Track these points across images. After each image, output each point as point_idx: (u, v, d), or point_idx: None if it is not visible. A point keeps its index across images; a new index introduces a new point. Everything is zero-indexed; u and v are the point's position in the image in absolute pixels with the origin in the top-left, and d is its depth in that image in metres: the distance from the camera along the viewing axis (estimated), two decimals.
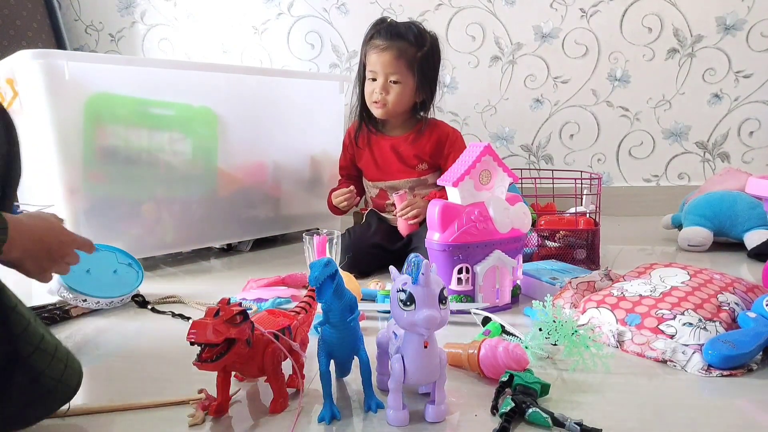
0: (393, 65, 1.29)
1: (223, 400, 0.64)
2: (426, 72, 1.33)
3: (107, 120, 1.30)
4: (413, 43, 1.30)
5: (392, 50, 1.29)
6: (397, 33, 1.30)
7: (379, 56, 1.30)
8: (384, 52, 1.29)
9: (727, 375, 0.70)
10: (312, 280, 0.59)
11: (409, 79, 1.31)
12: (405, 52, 1.29)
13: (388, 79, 1.30)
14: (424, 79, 1.33)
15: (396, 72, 1.30)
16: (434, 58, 1.36)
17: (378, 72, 1.31)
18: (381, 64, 1.30)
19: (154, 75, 1.35)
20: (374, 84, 1.32)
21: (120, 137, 1.32)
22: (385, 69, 1.30)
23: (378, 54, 1.30)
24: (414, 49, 1.30)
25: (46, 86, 1.19)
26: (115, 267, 1.14)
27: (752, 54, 1.87)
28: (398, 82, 1.30)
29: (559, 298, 0.93)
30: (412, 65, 1.30)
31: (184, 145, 1.42)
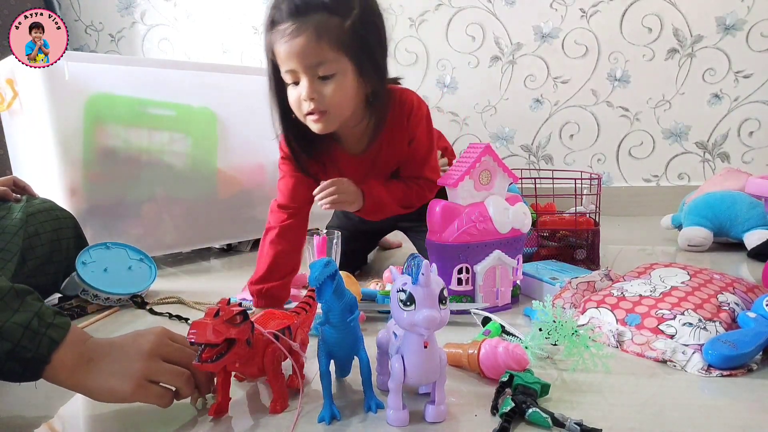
0: (314, 53, 0.88)
1: (223, 400, 0.64)
2: (366, 46, 0.92)
3: (107, 120, 1.31)
4: (333, 9, 0.88)
5: (306, 31, 0.87)
6: (305, 3, 0.88)
7: (290, 45, 0.88)
8: (295, 37, 0.87)
9: (727, 375, 0.70)
10: (312, 280, 0.59)
11: (345, 64, 0.91)
12: (326, 29, 0.88)
13: (314, 75, 0.90)
14: (365, 57, 0.93)
15: (322, 61, 0.88)
16: (372, 22, 0.94)
17: (297, 69, 0.90)
18: (297, 57, 0.88)
19: (154, 75, 1.35)
20: (298, 89, 0.92)
21: (120, 137, 1.33)
22: (305, 61, 0.88)
23: (288, 43, 0.88)
24: (338, 20, 0.88)
25: (46, 86, 1.19)
26: (129, 264, 1.15)
27: (752, 54, 1.87)
28: (331, 76, 0.90)
29: (559, 298, 0.93)
30: (343, 43, 0.89)
31: (184, 146, 1.43)
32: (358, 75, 0.93)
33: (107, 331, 0.97)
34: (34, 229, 1.04)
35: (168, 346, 0.63)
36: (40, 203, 1.10)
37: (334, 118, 0.94)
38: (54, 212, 1.11)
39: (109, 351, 0.61)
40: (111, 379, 0.59)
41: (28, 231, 1.03)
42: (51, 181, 1.25)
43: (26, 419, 0.67)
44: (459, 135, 2.09)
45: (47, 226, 1.07)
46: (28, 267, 1.02)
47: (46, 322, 0.59)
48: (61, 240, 1.09)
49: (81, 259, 1.08)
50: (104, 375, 0.59)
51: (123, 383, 0.59)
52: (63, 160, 1.23)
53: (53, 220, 1.09)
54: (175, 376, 0.62)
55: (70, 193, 1.26)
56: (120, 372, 0.59)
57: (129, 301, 1.09)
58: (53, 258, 1.07)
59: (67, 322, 0.61)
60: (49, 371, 0.58)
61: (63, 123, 1.23)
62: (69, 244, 1.10)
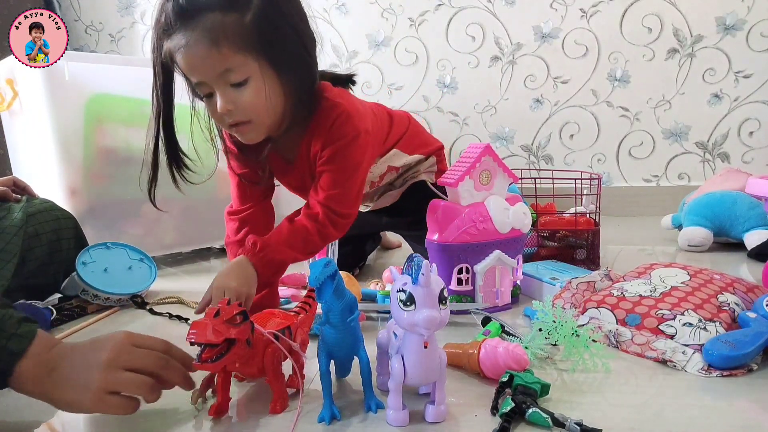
0: (216, 61, 0.78)
1: (223, 400, 0.64)
2: (277, 38, 0.81)
3: (107, 120, 1.31)
4: (226, 4, 0.77)
5: (199, 39, 0.76)
6: (191, 3, 0.76)
7: (186, 57, 0.78)
8: (191, 47, 0.77)
9: (727, 375, 0.70)
10: (312, 280, 0.59)
11: (257, 65, 0.80)
12: (222, 31, 0.76)
13: (225, 83, 0.80)
14: (279, 51, 0.81)
15: (228, 68, 0.78)
16: (280, 7, 0.82)
17: (204, 81, 0.81)
18: (197, 69, 0.79)
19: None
20: (212, 100, 0.83)
21: (120, 137, 1.33)
22: (209, 72, 0.79)
23: (185, 54, 0.78)
24: (234, 16, 0.77)
25: (46, 87, 1.19)
26: (129, 264, 1.15)
27: (752, 54, 1.87)
28: (244, 81, 0.80)
29: (559, 298, 0.93)
30: (247, 43, 0.78)
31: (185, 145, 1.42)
32: (277, 73, 0.82)
33: (107, 331, 0.96)
34: (34, 229, 1.04)
35: (129, 354, 0.60)
36: (40, 203, 1.10)
37: (260, 126, 0.85)
38: (54, 212, 1.11)
39: (71, 359, 0.59)
40: (70, 392, 0.57)
41: (27, 231, 1.03)
42: (51, 182, 1.25)
43: (26, 419, 0.67)
44: (459, 135, 2.09)
45: (47, 227, 1.07)
46: (28, 267, 1.02)
47: (8, 333, 0.57)
48: (61, 240, 1.09)
49: (81, 259, 1.08)
50: (65, 386, 0.57)
51: (81, 396, 0.57)
52: (63, 160, 1.24)
53: (53, 220, 1.09)
54: (137, 386, 0.59)
55: (70, 193, 1.26)
56: (78, 384, 0.57)
57: (129, 301, 1.09)
58: (53, 258, 1.07)
59: (32, 331, 0.58)
60: (13, 382, 0.57)
61: (63, 123, 1.23)
62: (69, 244, 1.10)
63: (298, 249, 0.89)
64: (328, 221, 0.90)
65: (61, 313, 1.01)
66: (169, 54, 0.80)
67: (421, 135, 1.24)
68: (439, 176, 1.19)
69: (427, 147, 1.22)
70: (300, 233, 0.89)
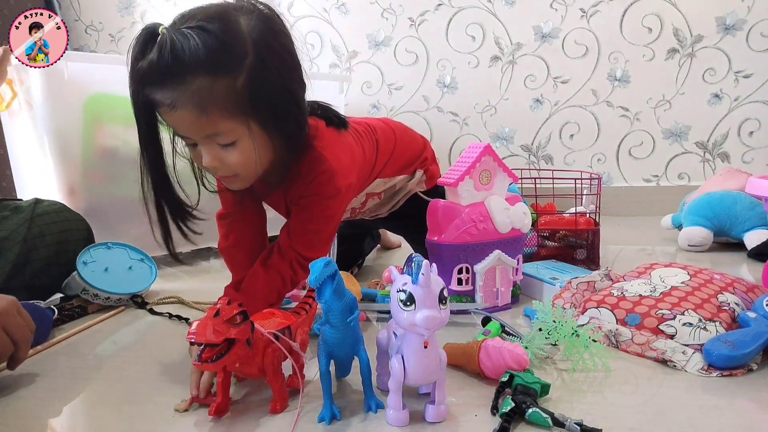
0: (203, 127, 0.73)
1: (224, 400, 0.64)
2: (271, 97, 0.75)
3: (107, 120, 1.30)
4: (217, 69, 0.70)
5: (187, 104, 0.71)
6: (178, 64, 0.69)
7: (173, 118, 0.73)
8: (176, 110, 0.71)
9: (727, 375, 0.70)
10: (312, 280, 0.59)
11: (246, 127, 0.75)
12: (211, 98, 0.71)
13: (212, 143, 0.76)
14: (271, 110, 0.76)
15: (216, 132, 0.74)
16: (274, 60, 0.75)
17: (191, 138, 0.77)
18: (183, 130, 0.76)
19: None
20: (196, 149, 0.79)
21: (119, 137, 1.32)
22: (195, 135, 0.76)
23: (169, 114, 0.73)
24: (225, 81, 0.71)
25: (44, 86, 1.19)
26: (130, 263, 1.16)
27: (752, 54, 1.87)
28: (232, 143, 0.76)
29: (559, 298, 0.93)
30: (238, 108, 0.73)
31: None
32: (266, 130, 0.77)
33: (109, 332, 0.97)
34: (39, 230, 1.05)
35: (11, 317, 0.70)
36: (48, 205, 1.11)
37: (247, 179, 0.82)
38: (63, 214, 1.12)
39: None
40: None
41: (32, 231, 1.03)
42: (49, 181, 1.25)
43: (26, 419, 0.67)
44: (459, 135, 2.09)
45: (54, 228, 1.08)
46: (32, 267, 1.02)
47: None
48: (68, 241, 1.09)
49: (82, 259, 1.08)
50: None
51: None
52: (61, 159, 1.23)
53: (62, 221, 1.10)
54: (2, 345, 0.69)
55: (68, 192, 1.26)
56: None
57: (129, 301, 1.09)
58: (60, 260, 1.07)
59: None
60: None
61: (62, 123, 1.23)
62: (77, 246, 1.10)
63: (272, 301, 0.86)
64: (299, 266, 0.87)
65: (62, 313, 1.01)
66: (151, 104, 0.74)
67: (406, 153, 1.14)
68: (431, 176, 1.17)
69: (412, 164, 1.15)
70: (276, 284, 0.86)
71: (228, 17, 0.72)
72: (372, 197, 1.11)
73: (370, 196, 1.11)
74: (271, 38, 0.75)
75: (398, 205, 1.17)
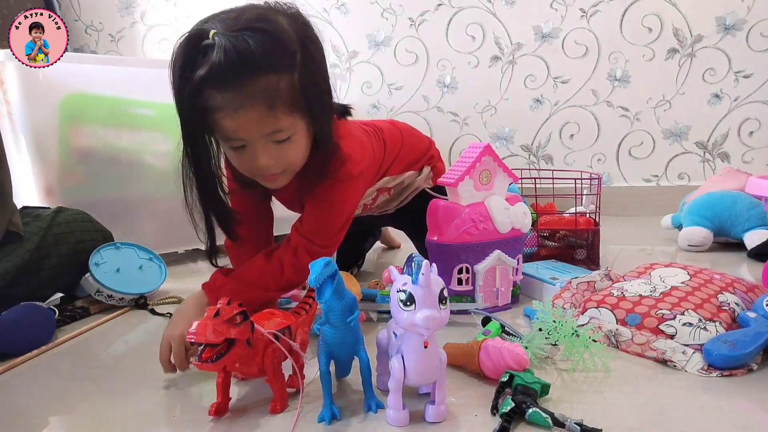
0: (267, 124, 0.75)
1: (223, 400, 0.64)
2: (316, 90, 0.79)
3: (84, 120, 1.29)
4: (279, 65, 0.73)
5: (257, 103, 0.72)
6: (246, 64, 0.70)
7: (239, 119, 0.73)
8: (242, 113, 0.73)
9: (727, 375, 0.70)
10: (312, 280, 0.59)
11: (301, 122, 0.78)
12: (278, 94, 0.73)
13: (268, 141, 0.77)
14: (316, 104, 0.79)
15: (277, 129, 0.76)
16: (314, 55, 0.79)
17: (248, 139, 0.77)
18: (246, 131, 0.75)
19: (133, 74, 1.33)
20: (246, 152, 0.79)
21: (97, 137, 1.31)
22: (257, 134, 0.76)
23: (234, 116, 0.73)
24: (287, 77, 0.74)
25: (20, 86, 1.19)
26: (140, 263, 1.16)
27: (752, 54, 1.87)
28: (286, 139, 0.78)
29: (559, 298, 0.93)
30: (296, 103, 0.76)
31: (166, 145, 1.39)
32: (311, 124, 0.81)
33: (118, 332, 0.97)
34: (54, 239, 1.05)
35: None
36: (70, 215, 1.11)
37: (291, 174, 0.85)
38: (82, 224, 1.11)
39: None
40: None
41: (47, 239, 1.03)
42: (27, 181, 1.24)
43: (27, 419, 0.67)
44: (459, 135, 2.09)
45: (70, 238, 1.07)
46: (42, 276, 1.02)
47: None
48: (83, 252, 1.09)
49: (93, 260, 1.08)
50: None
51: None
52: (38, 159, 1.22)
53: (80, 231, 1.10)
54: None
55: (45, 192, 1.24)
56: None
57: (130, 301, 1.09)
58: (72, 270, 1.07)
59: None
60: None
61: (38, 123, 1.21)
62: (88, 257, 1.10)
63: (267, 288, 0.86)
64: (306, 252, 0.87)
65: (63, 315, 1.01)
66: (204, 111, 0.73)
67: (413, 152, 1.17)
68: (437, 172, 1.20)
69: (419, 162, 1.18)
70: (273, 271, 0.86)
71: (271, 17, 0.74)
72: (382, 193, 1.13)
73: (381, 192, 1.12)
74: (309, 31, 0.78)
75: (405, 201, 1.19)
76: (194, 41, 0.71)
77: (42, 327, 0.90)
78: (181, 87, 0.72)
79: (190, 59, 0.71)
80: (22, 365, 0.82)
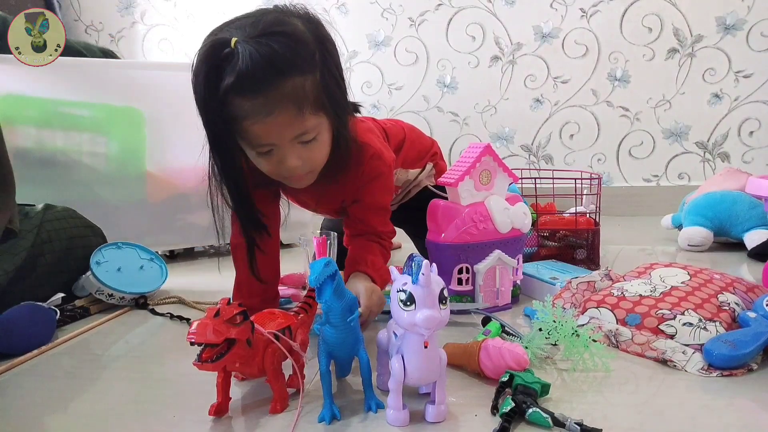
0: (297, 126, 0.76)
1: (223, 400, 0.64)
2: (336, 89, 0.80)
3: (18, 121, 1.28)
4: (304, 66, 0.74)
5: (287, 107, 0.73)
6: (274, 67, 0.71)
7: (269, 124, 0.74)
8: (272, 117, 0.73)
9: (727, 375, 0.70)
10: (312, 280, 0.59)
11: (324, 121, 0.79)
12: (305, 95, 0.74)
13: (295, 143, 0.78)
14: (336, 103, 0.80)
15: (305, 131, 0.77)
16: (331, 52, 0.80)
17: (277, 143, 0.77)
18: (275, 135, 0.76)
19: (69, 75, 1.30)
20: (274, 155, 0.79)
21: (32, 139, 1.30)
22: (287, 137, 0.77)
23: (264, 121, 0.73)
24: (311, 78, 0.75)
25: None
26: (141, 263, 1.16)
27: (752, 54, 1.87)
28: (312, 139, 0.79)
29: (559, 298, 0.93)
30: (321, 103, 0.77)
31: (105, 147, 1.38)
32: (334, 120, 0.82)
33: (119, 332, 0.97)
34: (48, 236, 1.05)
35: None
36: (59, 211, 1.11)
37: (316, 173, 0.86)
38: (72, 221, 1.12)
39: None
40: None
41: (41, 236, 1.04)
42: None
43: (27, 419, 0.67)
44: (459, 135, 2.09)
45: (62, 234, 1.08)
46: (37, 273, 1.02)
47: None
48: (76, 249, 1.09)
49: (95, 259, 1.08)
50: None
51: None
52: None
53: (71, 228, 1.10)
54: None
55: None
56: None
57: (131, 301, 1.09)
58: (67, 267, 1.07)
59: None
60: None
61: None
62: (87, 252, 1.10)
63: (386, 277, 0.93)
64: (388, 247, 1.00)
65: (64, 314, 1.01)
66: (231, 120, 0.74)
67: (415, 146, 1.19)
68: (439, 171, 1.21)
69: (423, 159, 1.21)
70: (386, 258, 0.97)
71: (287, 20, 0.75)
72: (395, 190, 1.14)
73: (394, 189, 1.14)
74: (323, 32, 0.79)
75: (407, 198, 1.20)
76: (216, 50, 0.70)
77: (42, 327, 0.90)
78: (207, 98, 0.72)
79: (215, 69, 0.70)
80: (22, 365, 0.82)
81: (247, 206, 0.84)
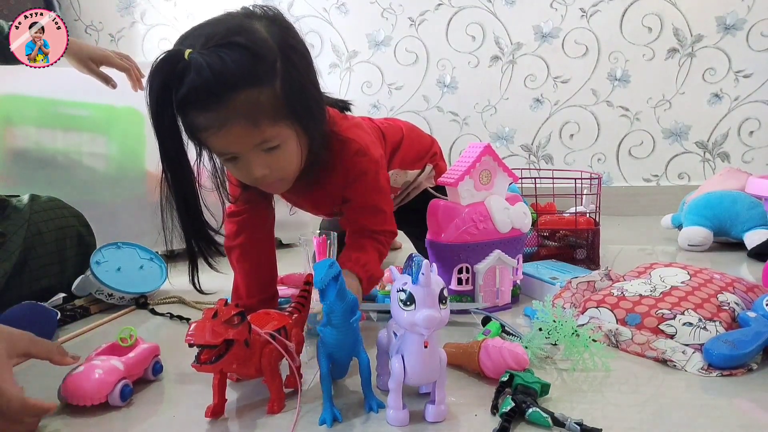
0: (252, 138, 0.74)
1: (220, 401, 0.64)
2: (302, 97, 0.77)
3: (17, 121, 1.28)
4: (258, 78, 0.71)
5: (238, 120, 0.71)
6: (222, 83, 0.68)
7: (223, 137, 0.73)
8: (228, 129, 0.71)
9: (727, 375, 0.70)
10: (317, 282, 0.58)
11: (288, 129, 0.77)
12: (259, 108, 0.72)
13: (257, 151, 0.76)
14: (304, 110, 0.78)
15: (264, 140, 0.75)
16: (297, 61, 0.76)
17: (238, 152, 0.76)
18: (232, 146, 0.75)
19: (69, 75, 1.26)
20: (240, 163, 0.78)
21: (31, 139, 1.30)
22: (244, 147, 0.75)
23: (218, 135, 0.72)
24: (267, 89, 0.72)
25: None
26: (141, 263, 1.16)
27: (752, 54, 1.87)
28: (276, 147, 0.77)
29: (559, 298, 0.93)
30: (280, 112, 0.74)
31: (105, 147, 1.39)
32: (302, 128, 0.79)
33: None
34: (37, 228, 1.04)
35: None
36: (45, 201, 1.10)
37: (288, 180, 0.84)
38: (58, 211, 1.10)
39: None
40: None
41: (30, 230, 1.03)
42: None
43: None
44: (459, 135, 2.09)
45: (51, 225, 1.07)
46: (30, 267, 1.02)
47: None
48: (65, 239, 1.09)
49: (95, 259, 1.08)
50: None
51: None
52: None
53: (58, 218, 1.09)
54: None
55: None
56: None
57: (131, 301, 1.09)
58: (58, 258, 1.07)
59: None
60: None
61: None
62: (73, 242, 1.09)
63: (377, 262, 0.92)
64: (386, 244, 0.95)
65: (64, 314, 1.01)
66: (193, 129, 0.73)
67: (414, 146, 1.18)
68: (439, 172, 1.20)
69: (423, 159, 1.19)
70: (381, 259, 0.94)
71: (248, 27, 0.72)
72: (394, 191, 1.14)
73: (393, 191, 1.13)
74: (289, 38, 0.76)
75: (407, 200, 1.19)
76: (171, 61, 0.69)
77: (43, 326, 0.89)
78: (160, 109, 0.70)
79: (170, 79, 0.69)
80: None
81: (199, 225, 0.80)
